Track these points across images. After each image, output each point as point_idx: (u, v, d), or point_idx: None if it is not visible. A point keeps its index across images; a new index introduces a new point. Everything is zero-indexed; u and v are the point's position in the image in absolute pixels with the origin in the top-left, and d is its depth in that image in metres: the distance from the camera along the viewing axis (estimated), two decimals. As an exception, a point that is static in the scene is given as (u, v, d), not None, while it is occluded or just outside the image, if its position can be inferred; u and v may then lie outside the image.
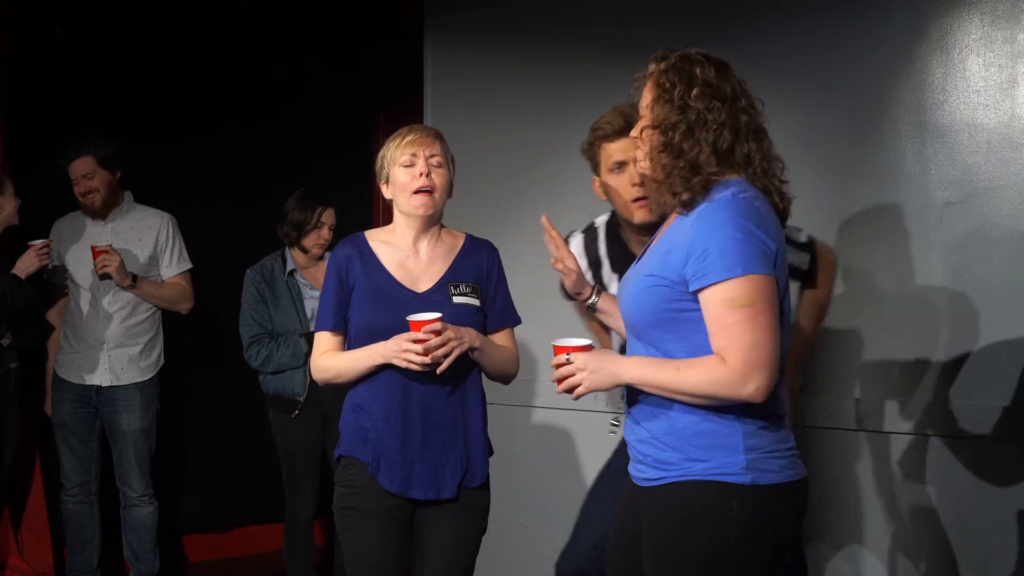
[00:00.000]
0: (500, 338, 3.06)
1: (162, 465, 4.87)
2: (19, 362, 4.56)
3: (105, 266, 4.46)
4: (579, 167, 4.39)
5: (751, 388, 2.22)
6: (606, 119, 3.08)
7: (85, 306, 4.63)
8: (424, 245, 3.02)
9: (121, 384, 4.61)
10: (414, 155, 2.94)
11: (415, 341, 2.79)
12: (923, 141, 3.61)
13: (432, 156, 2.96)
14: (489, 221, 4.47)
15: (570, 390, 2.41)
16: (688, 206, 2.32)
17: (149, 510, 4.71)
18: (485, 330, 3.03)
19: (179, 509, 5.42)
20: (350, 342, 2.99)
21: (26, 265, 4.42)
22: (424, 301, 2.93)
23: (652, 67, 2.43)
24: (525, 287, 4.25)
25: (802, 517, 2.38)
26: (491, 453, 3.06)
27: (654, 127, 2.37)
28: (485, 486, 3.02)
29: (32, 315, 4.59)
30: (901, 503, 3.64)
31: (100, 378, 4.61)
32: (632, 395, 2.42)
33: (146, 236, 4.70)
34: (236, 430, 5.55)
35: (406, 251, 3.01)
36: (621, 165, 3.06)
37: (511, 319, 3.09)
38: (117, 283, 4.53)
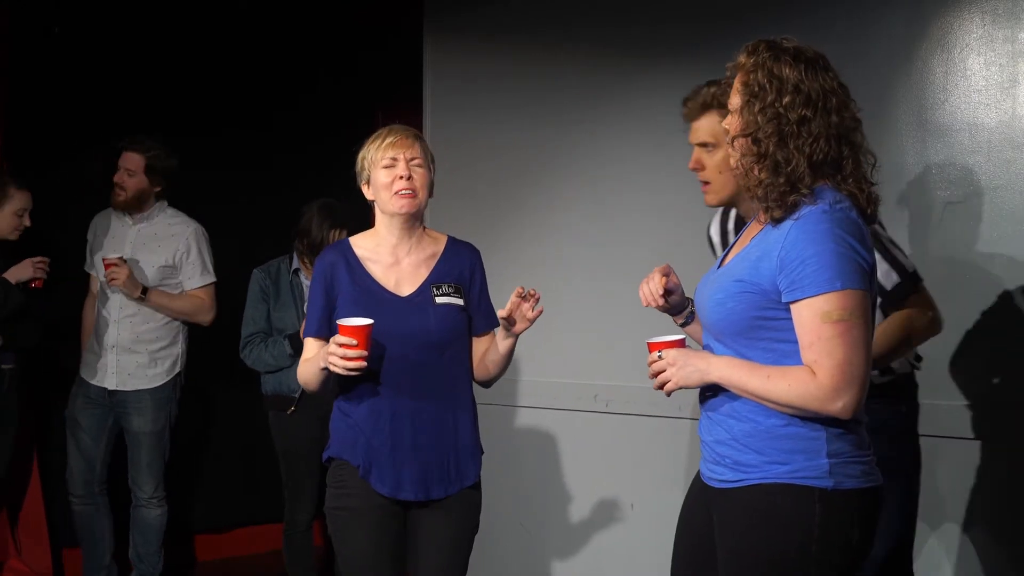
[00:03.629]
0: (489, 339, 3.07)
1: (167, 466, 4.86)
2: (15, 363, 4.56)
3: (114, 279, 4.48)
4: (579, 167, 4.40)
5: (840, 404, 2.20)
6: (689, 102, 2.98)
7: (102, 308, 4.66)
8: (406, 248, 3.03)
9: (128, 389, 4.63)
10: (394, 158, 2.96)
11: (340, 345, 2.78)
12: (924, 140, 3.60)
13: (413, 158, 2.97)
14: (488, 221, 4.47)
15: (662, 386, 2.37)
16: (778, 221, 2.27)
17: (157, 512, 4.71)
18: (470, 330, 3.04)
19: (180, 510, 5.41)
20: None
21: (19, 272, 4.45)
22: (407, 304, 2.95)
23: (742, 59, 2.33)
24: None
25: (877, 525, 2.33)
26: (481, 452, 3.06)
27: (744, 135, 2.30)
28: (477, 486, 3.03)
29: (30, 315, 4.59)
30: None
31: (108, 381, 4.63)
32: (709, 394, 2.39)
33: (167, 243, 4.69)
34: (237, 430, 5.54)
35: (389, 255, 3.02)
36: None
37: (496, 320, 3.07)
38: (126, 295, 4.55)
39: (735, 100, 2.34)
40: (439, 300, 2.97)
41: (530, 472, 4.48)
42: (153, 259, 4.66)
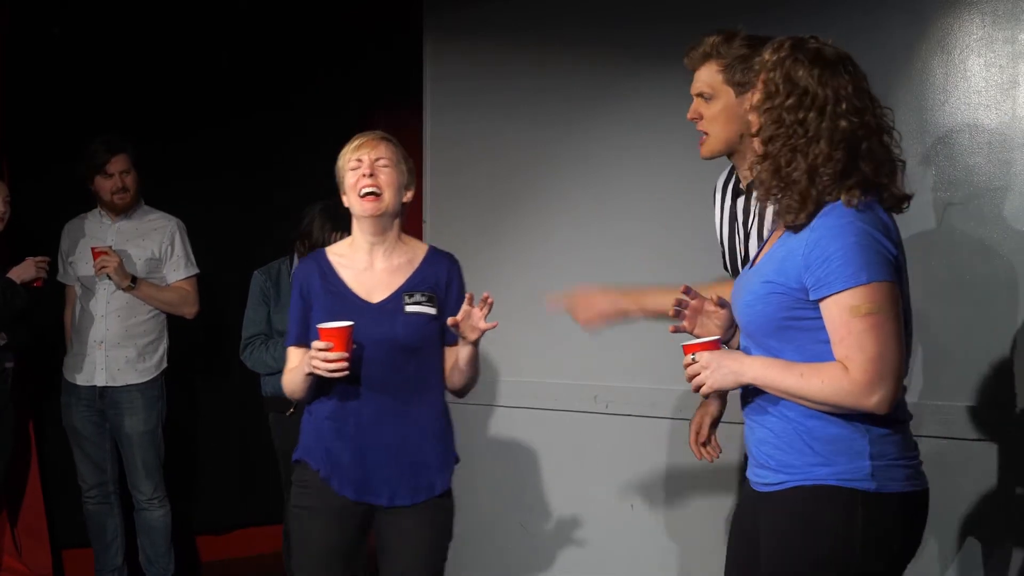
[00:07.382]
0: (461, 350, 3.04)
1: (166, 467, 4.86)
2: (14, 362, 4.57)
3: (104, 267, 4.49)
4: (579, 167, 4.39)
5: (875, 399, 2.18)
6: (692, 51, 2.93)
7: (87, 306, 4.66)
8: (381, 254, 3.03)
9: (119, 385, 4.62)
10: (359, 159, 2.98)
11: (320, 349, 2.80)
12: (924, 142, 3.60)
13: (378, 159, 2.98)
14: (487, 222, 4.46)
15: (699, 389, 2.34)
16: (797, 230, 2.26)
17: (159, 513, 4.71)
18: (443, 340, 3.02)
19: (180, 511, 5.40)
20: None
21: (22, 272, 4.47)
22: (378, 311, 2.96)
23: (767, 55, 2.31)
24: (523, 287, 4.25)
25: (922, 531, 2.31)
26: (456, 461, 3.06)
27: (753, 135, 2.30)
28: (447, 494, 3.04)
29: (24, 315, 4.60)
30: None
31: (98, 378, 4.62)
32: (750, 398, 2.37)
33: (150, 238, 4.71)
34: (236, 431, 5.55)
35: (363, 262, 3.03)
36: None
37: None
38: (116, 284, 4.55)
39: (755, 96, 2.33)
40: (409, 308, 2.97)
41: (530, 473, 4.48)
42: (139, 252, 4.68)
